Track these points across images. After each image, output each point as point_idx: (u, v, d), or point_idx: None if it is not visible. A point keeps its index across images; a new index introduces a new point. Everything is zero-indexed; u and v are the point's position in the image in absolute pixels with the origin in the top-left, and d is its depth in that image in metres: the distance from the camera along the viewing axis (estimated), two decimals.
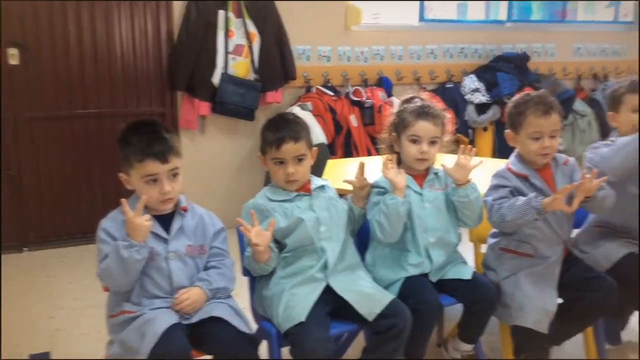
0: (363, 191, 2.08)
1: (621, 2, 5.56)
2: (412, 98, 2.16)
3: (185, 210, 1.89)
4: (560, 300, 2.09)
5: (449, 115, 2.26)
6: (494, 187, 2.13)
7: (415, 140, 2.07)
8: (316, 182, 2.07)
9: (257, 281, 2.03)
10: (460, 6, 5.84)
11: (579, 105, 4.93)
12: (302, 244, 1.95)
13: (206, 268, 1.89)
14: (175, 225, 1.85)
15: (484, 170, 2.12)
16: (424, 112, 2.08)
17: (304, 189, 2.03)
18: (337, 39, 4.44)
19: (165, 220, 1.85)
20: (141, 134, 1.80)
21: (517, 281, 2.10)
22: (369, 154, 4.11)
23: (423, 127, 2.07)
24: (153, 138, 1.78)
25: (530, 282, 2.08)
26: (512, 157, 2.20)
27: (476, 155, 2.11)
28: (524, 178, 2.12)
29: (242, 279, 2.05)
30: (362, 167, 2.09)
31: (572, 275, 2.12)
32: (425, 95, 2.19)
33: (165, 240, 1.82)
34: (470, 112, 4.63)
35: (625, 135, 2.24)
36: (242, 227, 1.84)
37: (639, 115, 2.25)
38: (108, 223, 1.80)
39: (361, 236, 2.19)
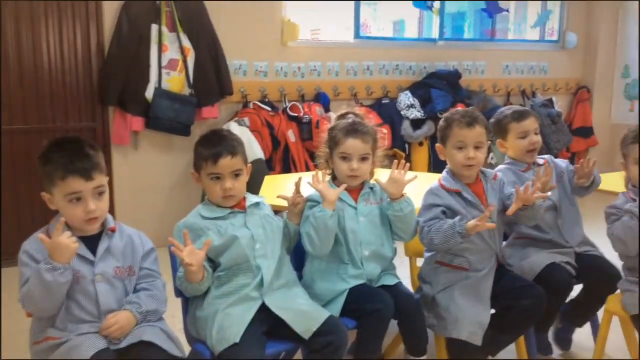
0: (297, 208, 2.07)
1: (547, 22, 5.82)
2: (347, 113, 2.18)
3: (112, 230, 1.81)
4: (492, 311, 2.14)
5: (384, 131, 2.30)
6: (427, 207, 2.16)
7: (345, 158, 2.09)
8: (251, 199, 2.04)
9: (191, 302, 1.97)
10: (397, 24, 5.98)
11: None
12: (236, 262, 1.91)
13: (136, 290, 1.81)
14: (102, 246, 1.77)
15: (419, 185, 2.15)
16: (353, 130, 2.09)
17: (239, 206, 1.99)
18: (274, 54, 4.44)
19: (91, 241, 1.76)
20: (63, 150, 1.71)
21: (452, 294, 2.13)
22: (308, 169, 4.12)
23: (352, 144, 2.08)
24: (76, 154, 1.70)
25: (464, 295, 2.12)
26: (444, 172, 2.24)
27: (411, 169, 2.14)
28: (457, 193, 2.16)
29: (176, 300, 1.99)
30: (298, 183, 2.08)
31: (503, 285, 2.17)
32: (359, 110, 2.21)
33: (91, 262, 1.74)
34: (406, 128, 4.71)
35: (517, 159, 2.45)
36: (174, 248, 1.79)
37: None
38: (30, 245, 1.71)
39: (298, 252, 2.17)
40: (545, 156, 2.56)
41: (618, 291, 2.26)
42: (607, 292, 2.29)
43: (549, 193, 2.21)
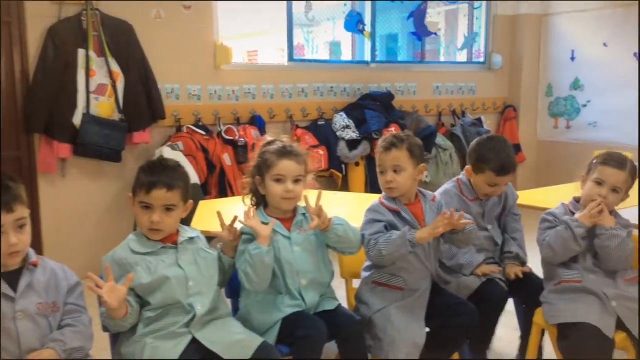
0: (235, 242, 2.04)
1: (473, 44, 6.05)
2: (273, 141, 2.16)
3: (35, 265, 1.73)
4: (427, 330, 2.16)
5: (321, 152, 2.32)
6: (370, 222, 2.18)
7: (279, 180, 2.07)
8: (185, 234, 1.98)
9: (118, 337, 1.90)
10: (333, 46, 6.06)
11: (440, 139, 5.24)
12: (167, 303, 1.85)
13: (60, 327, 1.73)
14: (24, 282, 1.69)
15: (359, 205, 2.18)
16: (286, 152, 2.09)
17: (171, 241, 1.93)
18: (207, 78, 4.40)
19: (12, 277, 1.68)
20: None
21: (389, 314, 2.15)
22: None
23: (287, 166, 2.07)
24: None
25: (401, 315, 2.14)
26: (384, 192, 2.27)
27: (348, 189, 2.17)
28: (396, 212, 2.19)
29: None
30: (234, 220, 2.04)
31: (437, 304, 2.20)
32: (285, 138, 2.20)
33: (12, 299, 1.65)
34: (342, 148, 4.75)
35: (476, 190, 2.50)
36: (90, 285, 1.71)
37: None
38: None
39: (233, 283, 2.13)
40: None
41: None
42: (537, 305, 2.36)
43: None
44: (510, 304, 2.49)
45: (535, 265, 2.45)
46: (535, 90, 6.16)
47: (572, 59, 5.82)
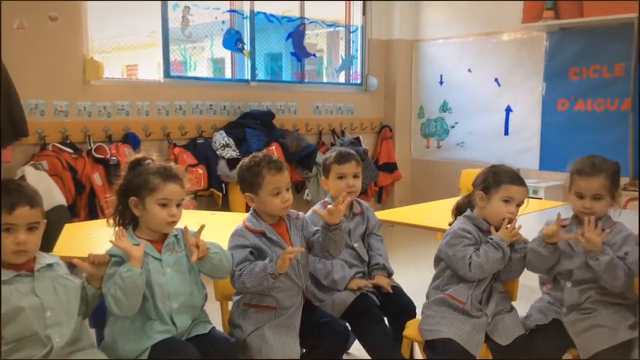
0: (100, 271, 1.92)
1: (351, 67, 6.25)
2: (144, 159, 2.07)
3: None
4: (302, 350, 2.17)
5: (200, 171, 2.25)
6: (235, 248, 2.15)
7: (165, 205, 1.99)
8: (42, 260, 1.84)
9: None
10: (215, 63, 5.98)
11: (320, 158, 5.32)
12: (23, 335, 1.71)
13: None
14: None
15: (236, 224, 2.19)
16: (171, 175, 2.02)
17: (26, 268, 1.79)
18: (76, 93, 4.17)
19: None
20: None
21: (262, 335, 2.13)
22: None
23: (172, 190, 2.00)
24: None
25: (275, 334, 2.13)
26: (249, 214, 2.25)
27: (229, 209, 2.13)
28: (261, 233, 2.18)
29: None
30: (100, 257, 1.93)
31: (310, 322, 2.21)
32: (155, 155, 2.12)
33: None
34: (222, 167, 4.68)
35: (336, 197, 2.43)
36: None
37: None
38: None
39: (99, 311, 2.01)
40: (364, 203, 2.72)
41: (416, 317, 2.43)
42: (406, 320, 2.43)
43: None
44: None
45: (406, 280, 2.54)
46: (409, 111, 6.48)
47: (441, 82, 6.20)
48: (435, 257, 2.38)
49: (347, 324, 2.27)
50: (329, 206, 2.16)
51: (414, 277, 2.82)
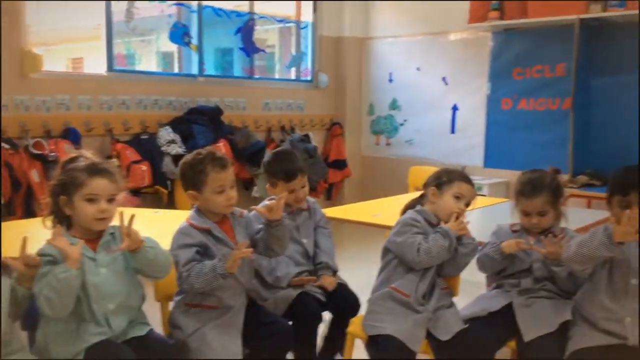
0: (32, 271, 1.83)
1: (301, 63, 6.22)
2: (76, 157, 2.00)
3: None
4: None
5: (144, 168, 2.18)
6: (180, 247, 2.10)
7: (92, 200, 1.92)
8: None
9: None
10: (162, 57, 5.86)
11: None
12: None
13: None
14: None
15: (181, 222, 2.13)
16: (97, 169, 1.95)
17: None
18: (12, 87, 3.99)
19: None
20: None
21: (204, 335, 2.09)
22: None
23: (99, 184, 1.93)
24: None
25: (216, 334, 2.09)
26: (192, 212, 2.20)
27: (175, 207, 2.08)
28: (207, 231, 2.14)
29: None
30: (23, 244, 1.83)
31: (253, 322, 2.18)
32: (89, 153, 2.05)
33: None
34: (168, 164, 4.59)
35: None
36: None
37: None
38: None
39: (31, 313, 1.91)
40: (310, 198, 2.70)
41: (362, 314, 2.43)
42: (351, 317, 2.43)
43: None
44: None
45: (353, 277, 2.54)
46: (359, 108, 6.50)
47: (390, 80, 6.25)
48: (383, 249, 2.40)
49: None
50: (268, 202, 2.14)
51: (361, 274, 2.82)
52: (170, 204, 4.55)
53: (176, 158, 4.58)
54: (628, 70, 4.67)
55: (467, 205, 2.34)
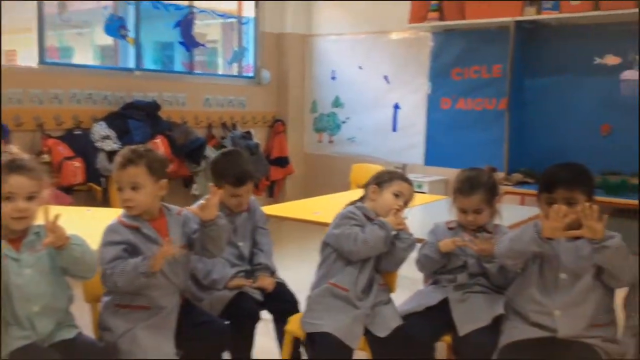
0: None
1: (242, 59, 6.15)
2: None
3: None
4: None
5: (77, 164, 2.07)
6: (107, 245, 2.03)
7: (8, 198, 1.83)
8: None
9: None
10: (105, 50, 5.65)
11: (210, 151, 5.19)
12: None
13: None
14: None
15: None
16: (15, 166, 1.85)
17: None
18: None
19: None
20: None
21: (134, 336, 2.02)
22: None
23: (16, 182, 1.84)
24: None
25: (148, 335, 2.02)
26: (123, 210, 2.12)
27: (109, 205, 1.99)
28: (136, 229, 2.07)
29: None
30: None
31: (188, 323, 2.13)
32: (15, 148, 1.95)
33: None
34: (102, 160, 4.43)
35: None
36: None
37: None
38: None
39: None
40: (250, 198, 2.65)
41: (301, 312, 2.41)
42: (289, 315, 2.40)
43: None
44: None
45: (294, 275, 2.50)
46: (302, 105, 6.48)
47: (333, 78, 6.26)
48: (321, 243, 2.40)
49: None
50: (201, 201, 2.09)
51: (301, 272, 2.80)
52: (105, 202, 4.39)
53: (111, 154, 4.43)
54: (561, 72, 4.84)
55: (406, 204, 2.38)
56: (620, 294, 2.12)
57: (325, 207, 3.21)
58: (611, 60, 4.61)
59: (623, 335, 2.07)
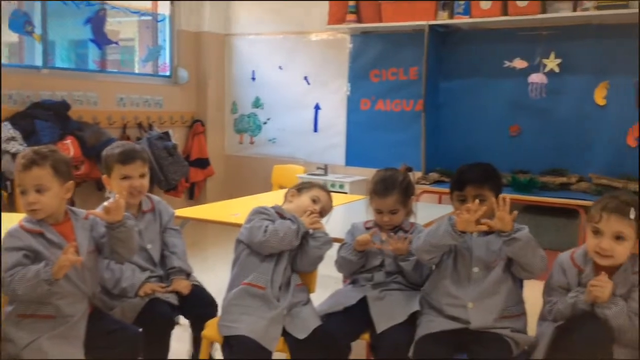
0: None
1: (158, 57, 5.97)
2: None
3: None
4: None
5: None
6: (5, 251, 1.91)
7: None
8: None
9: None
10: (12, 47, 5.30)
11: None
12: None
13: None
14: None
15: None
16: None
17: None
18: None
19: None
20: None
21: (40, 347, 1.91)
22: None
23: None
24: None
25: (54, 346, 1.93)
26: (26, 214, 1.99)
27: (17, 210, 1.85)
28: (39, 234, 1.96)
29: None
30: None
31: (98, 331, 2.03)
32: None
33: None
34: (7, 163, 4.16)
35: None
36: None
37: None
38: None
39: None
40: (155, 197, 2.56)
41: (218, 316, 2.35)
42: (207, 319, 2.33)
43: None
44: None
45: (214, 277, 2.42)
46: (222, 106, 6.38)
47: (253, 78, 6.20)
48: (235, 242, 2.37)
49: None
50: (105, 203, 2.00)
51: (221, 274, 2.74)
52: (12, 207, 4.13)
53: (16, 157, 4.18)
54: (473, 75, 5.02)
55: (322, 214, 2.41)
56: (538, 285, 2.21)
57: (245, 209, 3.13)
58: (519, 64, 4.83)
59: (539, 320, 2.17)
